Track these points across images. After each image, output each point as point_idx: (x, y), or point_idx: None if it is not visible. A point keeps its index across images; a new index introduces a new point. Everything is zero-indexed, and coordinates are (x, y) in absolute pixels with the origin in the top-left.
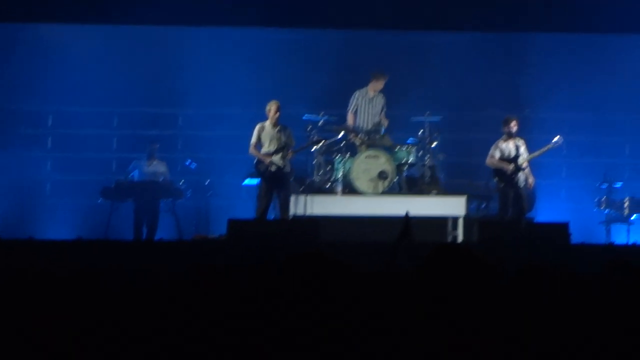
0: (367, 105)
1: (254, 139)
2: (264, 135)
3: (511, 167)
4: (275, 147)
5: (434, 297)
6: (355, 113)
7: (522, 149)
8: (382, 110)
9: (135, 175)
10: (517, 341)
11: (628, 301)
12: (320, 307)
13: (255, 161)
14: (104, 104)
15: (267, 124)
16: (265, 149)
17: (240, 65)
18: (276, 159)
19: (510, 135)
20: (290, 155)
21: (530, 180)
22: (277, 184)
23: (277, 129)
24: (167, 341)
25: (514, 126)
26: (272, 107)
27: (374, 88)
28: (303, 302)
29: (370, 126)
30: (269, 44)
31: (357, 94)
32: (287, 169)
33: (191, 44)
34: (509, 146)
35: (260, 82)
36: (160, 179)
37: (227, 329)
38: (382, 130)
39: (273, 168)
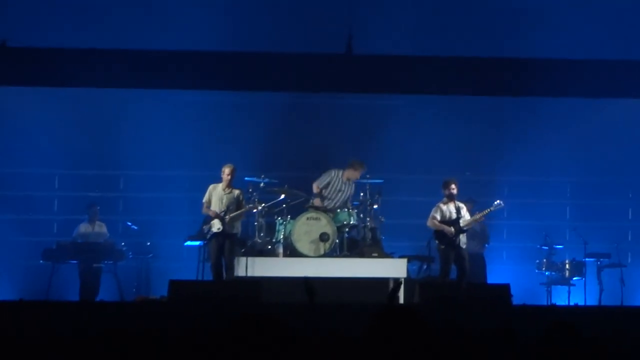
0: (339, 188)
1: (204, 198)
2: (213, 196)
3: (452, 229)
4: (220, 209)
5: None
6: (325, 188)
7: (463, 211)
8: (349, 198)
9: (79, 238)
10: None
11: None
12: None
13: (201, 224)
14: (45, 165)
15: (220, 185)
16: (211, 209)
17: (181, 128)
18: (215, 221)
19: (450, 198)
20: (235, 217)
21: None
22: (219, 245)
23: (227, 192)
24: None
25: (453, 188)
26: (223, 170)
27: (349, 176)
28: None
29: (336, 207)
30: (210, 106)
31: (333, 173)
32: (230, 231)
33: (132, 106)
34: (449, 208)
35: (201, 144)
36: (102, 241)
37: None
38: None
39: (214, 229)
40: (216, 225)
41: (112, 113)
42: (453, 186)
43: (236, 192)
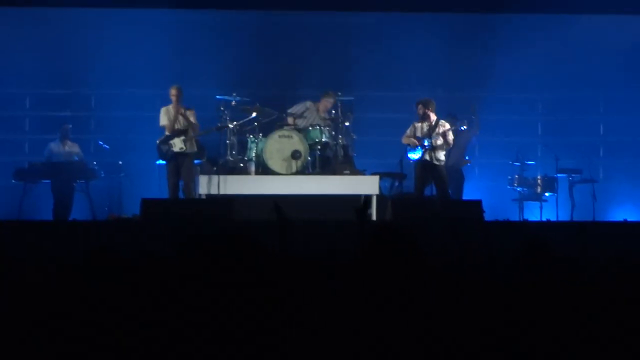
0: (312, 121)
1: (161, 123)
2: (167, 117)
3: (414, 140)
4: (173, 129)
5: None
6: (299, 117)
7: (439, 129)
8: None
9: (51, 157)
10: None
11: (546, 283)
12: (240, 290)
13: (157, 143)
14: (15, 85)
15: (171, 107)
16: (168, 131)
17: (152, 46)
18: (177, 141)
19: (423, 119)
20: (192, 138)
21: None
22: (179, 165)
23: (180, 112)
24: (77, 328)
25: (420, 109)
26: (172, 91)
27: (324, 107)
28: (221, 284)
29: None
30: (182, 25)
31: (308, 104)
32: (189, 150)
33: (103, 24)
34: (423, 126)
35: (173, 62)
36: (74, 160)
37: (143, 317)
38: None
39: (175, 149)
40: (178, 145)
41: (83, 32)
42: (420, 107)
43: (187, 111)
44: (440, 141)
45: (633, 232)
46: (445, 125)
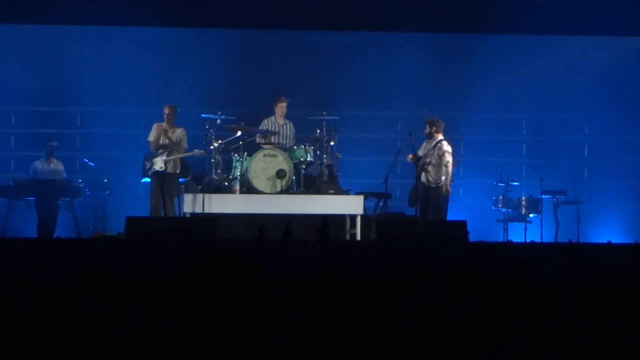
0: (275, 130)
1: (152, 136)
2: (158, 135)
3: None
4: (162, 146)
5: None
6: (265, 136)
7: (432, 149)
8: (292, 136)
9: (35, 175)
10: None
11: (529, 301)
12: (228, 305)
13: (142, 160)
14: (1, 102)
15: (163, 124)
16: (152, 148)
17: (138, 65)
18: (158, 160)
19: (429, 136)
20: (171, 158)
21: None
22: (161, 184)
23: (171, 131)
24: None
25: (426, 129)
26: (165, 109)
27: (281, 113)
28: (209, 301)
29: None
30: (167, 43)
31: (265, 122)
32: (170, 170)
33: (89, 42)
34: (426, 145)
35: (158, 81)
36: (59, 178)
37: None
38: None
39: (157, 167)
40: (159, 164)
41: (68, 50)
42: (426, 126)
43: (178, 131)
44: (434, 161)
45: (617, 254)
46: (443, 147)
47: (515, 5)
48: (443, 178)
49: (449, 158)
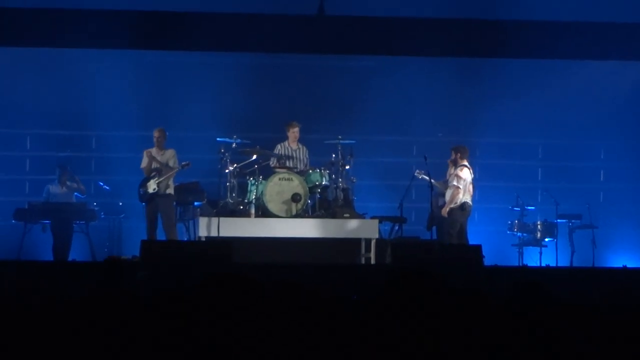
0: (289, 154)
1: (144, 164)
2: (148, 159)
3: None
4: (155, 169)
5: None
6: (279, 161)
7: (447, 176)
8: (306, 160)
9: (48, 197)
10: None
11: (539, 321)
12: (244, 325)
13: (138, 188)
14: (16, 125)
15: (153, 150)
16: (145, 173)
17: (154, 89)
18: (151, 183)
19: (453, 163)
20: (161, 179)
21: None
22: (157, 206)
23: (160, 154)
24: None
25: (452, 154)
26: (154, 133)
27: (293, 138)
28: (224, 321)
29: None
30: (182, 66)
31: (278, 146)
32: (163, 191)
33: (105, 66)
34: (448, 171)
35: (173, 105)
36: (73, 201)
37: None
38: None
39: (150, 190)
40: (151, 187)
41: (83, 73)
42: (452, 152)
43: (168, 152)
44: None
45: (633, 278)
46: (456, 171)
47: (532, 31)
48: (447, 208)
49: (455, 182)
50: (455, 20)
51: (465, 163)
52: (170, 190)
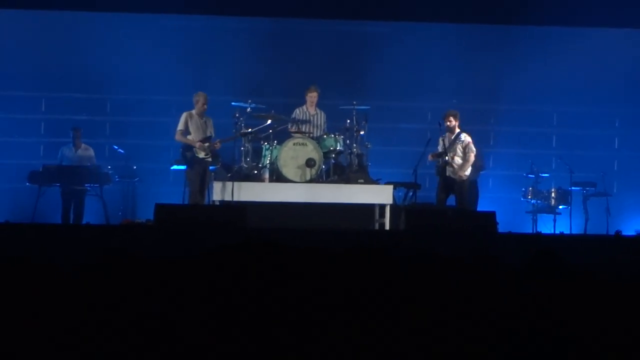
0: (306, 119)
1: (181, 126)
2: (192, 124)
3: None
4: (201, 136)
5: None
6: (296, 124)
7: (457, 145)
8: (323, 125)
9: (63, 161)
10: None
11: (554, 289)
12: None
13: (182, 148)
14: (31, 88)
15: (194, 113)
16: (191, 137)
17: (168, 52)
18: (206, 146)
19: (449, 130)
20: (217, 146)
21: (460, 173)
22: (202, 171)
23: (203, 120)
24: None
25: (450, 121)
26: (199, 99)
27: (311, 102)
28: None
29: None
30: (196, 31)
31: (297, 111)
32: (210, 158)
33: (119, 30)
34: (445, 140)
35: (188, 69)
36: (88, 164)
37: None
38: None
39: (200, 155)
40: (202, 153)
41: (99, 37)
42: (450, 118)
43: (210, 120)
44: (459, 156)
45: None
46: (466, 139)
47: None
48: (468, 172)
49: (474, 149)
50: None
51: (459, 129)
52: (212, 158)
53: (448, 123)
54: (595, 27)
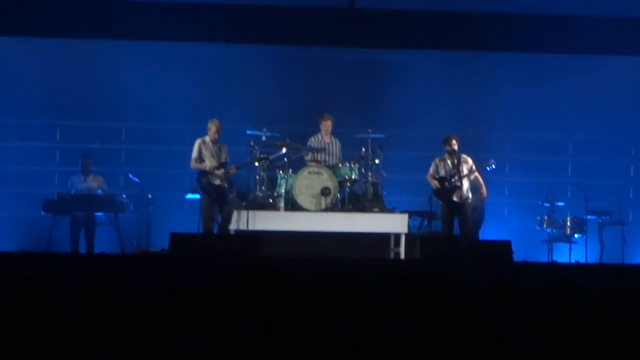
0: (322, 147)
1: (194, 154)
2: (205, 151)
3: (436, 183)
4: (216, 163)
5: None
6: (312, 152)
7: (464, 166)
8: (338, 153)
9: (73, 190)
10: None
11: (570, 318)
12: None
13: (197, 175)
14: (46, 116)
15: (208, 139)
16: (206, 164)
17: (183, 80)
18: (216, 175)
19: (450, 154)
20: (233, 171)
21: (483, 190)
22: (219, 198)
23: (217, 146)
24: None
25: (454, 144)
26: (211, 126)
27: (326, 131)
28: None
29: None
30: (212, 59)
31: (312, 139)
32: (226, 184)
33: (135, 58)
34: (445, 164)
35: (203, 97)
36: (98, 193)
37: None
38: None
39: (216, 182)
40: (218, 179)
41: (114, 65)
42: (453, 142)
43: (224, 146)
44: (465, 175)
45: None
46: (469, 161)
47: (564, 25)
48: (484, 190)
49: (476, 168)
50: (483, 14)
51: None
52: (228, 184)
53: (451, 147)
54: (610, 55)
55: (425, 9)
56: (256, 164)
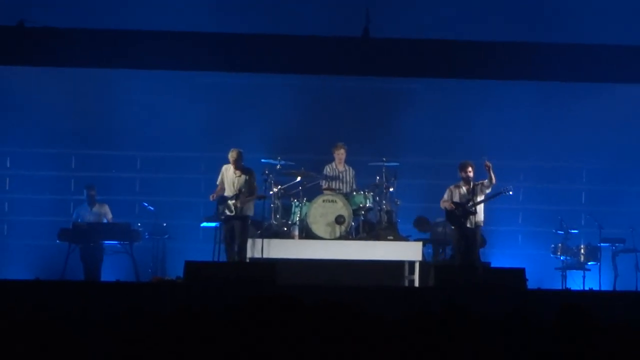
0: (336, 176)
1: (218, 180)
2: (226, 178)
3: (451, 204)
4: (232, 191)
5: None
6: (327, 181)
7: (479, 193)
8: (352, 182)
9: (79, 220)
10: None
11: (584, 346)
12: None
13: (217, 201)
14: (62, 145)
15: (230, 167)
16: (226, 192)
17: (197, 109)
18: (230, 203)
19: (466, 181)
20: (245, 201)
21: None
22: (230, 228)
23: (237, 175)
24: None
25: (469, 171)
26: (231, 155)
27: (339, 159)
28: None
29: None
30: (227, 88)
31: (327, 168)
32: (244, 213)
33: (150, 86)
34: (460, 190)
35: (218, 126)
36: (104, 221)
37: None
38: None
39: (227, 212)
40: (230, 208)
41: (129, 93)
42: (469, 169)
43: (247, 174)
44: (480, 200)
45: None
46: (485, 182)
47: (579, 53)
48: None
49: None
50: (495, 43)
51: None
52: (250, 212)
53: (466, 173)
54: (624, 83)
55: (440, 38)
56: (262, 199)
